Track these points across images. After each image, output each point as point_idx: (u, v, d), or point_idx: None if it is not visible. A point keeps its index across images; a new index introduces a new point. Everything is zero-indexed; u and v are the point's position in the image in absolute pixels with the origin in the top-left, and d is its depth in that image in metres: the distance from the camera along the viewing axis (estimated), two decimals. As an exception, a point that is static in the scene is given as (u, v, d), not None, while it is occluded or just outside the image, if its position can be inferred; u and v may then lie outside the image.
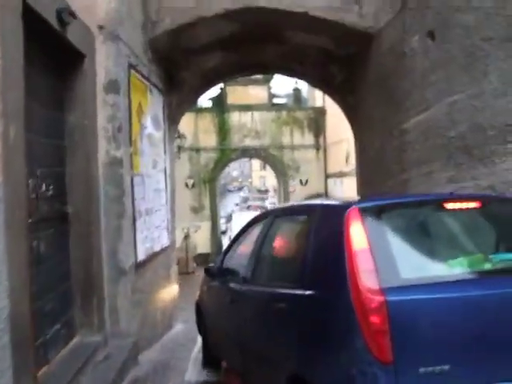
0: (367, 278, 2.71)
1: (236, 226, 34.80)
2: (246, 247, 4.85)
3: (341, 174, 25.75)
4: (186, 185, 27.27)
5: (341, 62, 8.28)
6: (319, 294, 3.11)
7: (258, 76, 27.80)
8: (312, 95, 31.37)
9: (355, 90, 8.19)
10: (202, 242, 25.39)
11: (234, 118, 27.71)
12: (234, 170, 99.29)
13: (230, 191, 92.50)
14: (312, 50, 8.30)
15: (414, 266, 2.92)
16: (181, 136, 18.82)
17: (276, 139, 27.84)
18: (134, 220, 6.02)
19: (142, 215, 6.34)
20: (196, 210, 27.30)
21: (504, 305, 2.73)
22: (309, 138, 28.05)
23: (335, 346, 2.88)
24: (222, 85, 27.97)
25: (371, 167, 7.66)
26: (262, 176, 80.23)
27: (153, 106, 7.28)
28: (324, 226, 3.39)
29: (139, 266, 6.14)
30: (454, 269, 2.93)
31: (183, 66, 8.18)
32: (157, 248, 7.05)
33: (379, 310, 2.61)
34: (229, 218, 54.38)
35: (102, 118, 5.67)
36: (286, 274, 3.80)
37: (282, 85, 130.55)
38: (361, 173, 8.36)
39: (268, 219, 4.60)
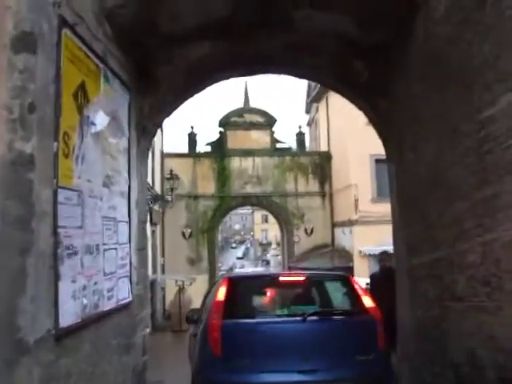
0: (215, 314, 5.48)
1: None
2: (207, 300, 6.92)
3: (350, 223, 23.29)
4: (183, 234, 24.82)
5: (367, 54, 6.03)
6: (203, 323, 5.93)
7: (260, 119, 26.03)
8: (316, 139, 29.31)
9: (388, 87, 5.91)
10: (198, 297, 22.61)
11: (235, 163, 25.56)
12: (235, 223, 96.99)
13: (231, 244, 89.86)
14: (329, 40, 6.07)
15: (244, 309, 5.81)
16: (173, 177, 16.56)
17: (279, 186, 25.58)
18: (56, 260, 3.59)
19: (76, 254, 3.92)
20: (193, 262, 24.72)
21: (279, 329, 5.30)
22: (314, 185, 25.78)
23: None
24: (221, 129, 26.07)
25: (421, 191, 5.26)
26: (264, 229, 77.67)
27: (110, 100, 4.98)
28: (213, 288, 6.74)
29: (65, 335, 3.67)
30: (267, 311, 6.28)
31: (161, 57, 5.95)
32: (107, 306, 4.56)
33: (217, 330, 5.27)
34: (230, 271, 51.64)
35: (4, 91, 3.36)
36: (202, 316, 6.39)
37: (286, 129, 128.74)
38: (401, 205, 5.93)
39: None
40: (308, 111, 37.62)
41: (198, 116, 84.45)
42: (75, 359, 3.95)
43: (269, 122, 26.21)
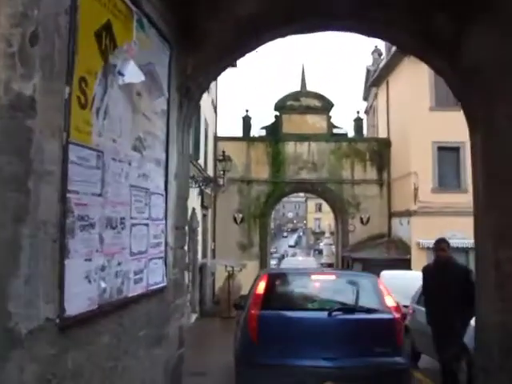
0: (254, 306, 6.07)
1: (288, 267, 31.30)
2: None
3: (407, 213, 21.97)
4: (235, 219, 24.17)
5: (451, 5, 4.99)
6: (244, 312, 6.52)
7: (316, 103, 24.95)
8: (374, 126, 27.95)
9: (476, 42, 4.86)
10: (247, 283, 21.97)
11: (290, 148, 24.63)
12: (289, 211, 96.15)
13: (283, 232, 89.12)
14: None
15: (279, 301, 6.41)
16: (226, 158, 15.84)
17: (335, 173, 24.48)
18: (63, 232, 2.86)
19: (93, 226, 3.19)
20: (244, 247, 24.04)
21: (319, 323, 5.83)
22: (371, 173, 24.51)
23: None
24: (277, 113, 25.17)
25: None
26: (317, 218, 76.43)
27: (145, 52, 4.22)
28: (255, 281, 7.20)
29: (74, 325, 2.96)
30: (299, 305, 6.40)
31: (207, 10, 5.13)
32: (133, 291, 3.83)
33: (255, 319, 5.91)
34: (281, 259, 50.90)
35: (2, 17, 2.64)
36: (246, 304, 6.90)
37: (343, 115, 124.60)
38: (488, 182, 4.88)
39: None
40: (366, 98, 36.17)
41: (254, 100, 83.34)
42: (89, 353, 3.23)
43: (326, 106, 25.09)
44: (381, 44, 30.08)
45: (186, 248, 5.52)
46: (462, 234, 21.51)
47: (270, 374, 5.51)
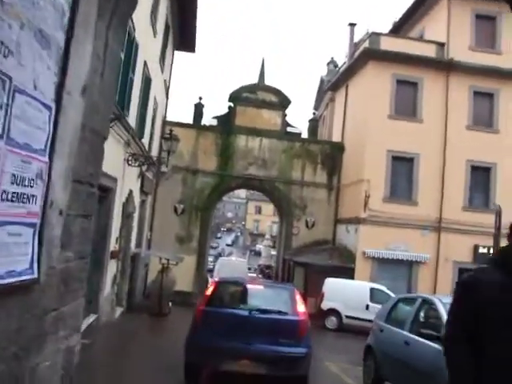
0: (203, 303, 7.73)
1: (222, 268, 29.07)
2: None
3: (356, 221, 20.29)
4: (175, 209, 21.75)
5: None
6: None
7: (273, 98, 22.96)
8: (329, 129, 26.27)
9: None
10: (183, 278, 19.64)
11: (241, 142, 22.50)
12: (228, 211, 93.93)
13: (220, 232, 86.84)
14: None
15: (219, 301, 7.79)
16: (172, 137, 13.48)
17: (285, 172, 22.54)
18: None
19: None
20: (182, 240, 21.65)
21: (242, 318, 7.23)
22: (321, 176, 22.76)
23: None
24: (231, 104, 22.98)
25: None
26: (257, 219, 74.66)
27: None
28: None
29: None
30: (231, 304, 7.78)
31: None
32: None
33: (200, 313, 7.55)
34: (217, 257, 48.63)
35: None
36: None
37: (297, 117, 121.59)
38: None
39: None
40: (317, 107, 34.47)
41: (209, 89, 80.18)
42: None
43: (282, 102, 23.14)
44: (340, 53, 28.51)
45: (91, 221, 3.23)
46: (405, 246, 20.15)
47: (207, 352, 7.13)
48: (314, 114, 24.68)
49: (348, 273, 19.42)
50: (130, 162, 13.13)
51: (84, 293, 3.08)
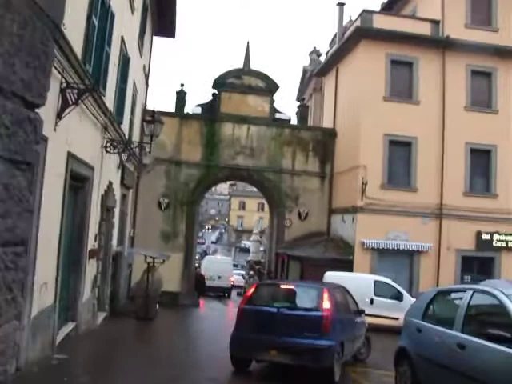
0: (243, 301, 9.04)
1: (208, 266, 27.82)
2: None
3: (353, 210, 19.01)
4: (159, 204, 20.22)
5: None
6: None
7: (260, 84, 21.52)
8: (320, 113, 24.89)
9: None
10: (170, 278, 18.14)
11: (227, 130, 21.04)
12: (211, 208, 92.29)
13: (204, 229, 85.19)
14: None
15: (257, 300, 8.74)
16: (156, 120, 11.91)
17: (274, 161, 21.16)
18: None
19: None
20: (168, 237, 20.14)
21: (272, 314, 8.17)
22: (313, 164, 21.43)
23: None
24: (215, 90, 21.49)
25: None
26: (241, 216, 73.16)
27: None
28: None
29: None
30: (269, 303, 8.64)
31: None
32: None
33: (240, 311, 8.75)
34: (203, 255, 47.12)
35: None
36: None
37: (285, 103, 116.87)
38: None
39: None
40: (299, 99, 33.02)
41: (191, 77, 76.70)
42: None
43: (270, 87, 21.72)
44: (323, 39, 27.13)
45: (30, 175, 1.79)
46: (405, 235, 18.93)
47: (244, 345, 8.29)
48: (303, 99, 23.28)
49: (346, 265, 18.13)
50: (108, 149, 11.60)
51: (20, 306, 1.64)
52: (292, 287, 9.01)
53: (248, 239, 54.46)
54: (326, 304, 8.11)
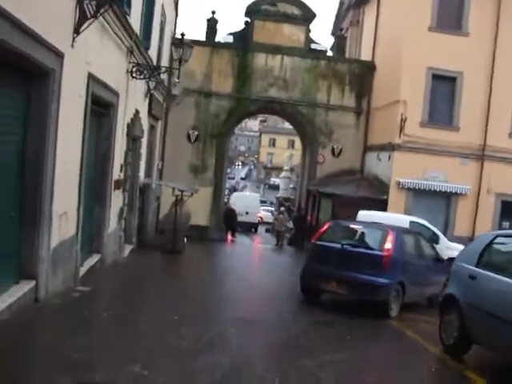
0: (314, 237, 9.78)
1: (236, 201, 27.45)
2: None
3: (390, 147, 18.01)
4: (189, 137, 19.62)
5: None
6: None
7: (296, 11, 20.11)
8: (357, 47, 23.38)
9: None
10: (199, 212, 17.80)
11: (259, 60, 19.93)
12: (241, 144, 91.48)
13: (235, 165, 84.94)
14: None
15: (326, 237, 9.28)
16: (184, 42, 11.01)
17: (308, 94, 20.10)
18: None
19: None
20: (197, 170, 19.66)
21: (340, 250, 8.60)
22: (349, 99, 20.32)
23: None
24: (248, 19, 20.19)
25: None
26: (271, 152, 72.30)
27: None
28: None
29: None
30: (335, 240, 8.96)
31: None
32: None
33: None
34: (232, 191, 46.91)
35: None
36: None
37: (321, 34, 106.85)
38: None
39: None
40: (334, 33, 31.06)
41: (223, 3, 71.51)
42: None
43: (306, 16, 20.29)
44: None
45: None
46: (443, 176, 17.93)
47: (310, 276, 9.02)
48: (341, 29, 21.80)
49: (380, 205, 17.38)
50: (134, 75, 10.85)
51: None
52: (360, 227, 9.59)
53: (277, 176, 53.96)
54: (388, 245, 8.48)
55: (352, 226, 9.88)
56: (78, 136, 7.46)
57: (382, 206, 17.54)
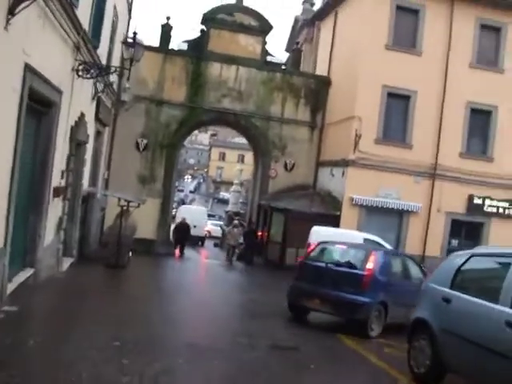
0: (303, 257, 11.19)
1: (182, 215, 26.39)
2: None
3: (343, 163, 17.75)
4: (137, 145, 18.65)
5: None
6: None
7: (253, 22, 19.68)
8: (312, 62, 23.14)
9: None
10: (146, 224, 16.84)
11: (214, 70, 19.32)
12: (190, 157, 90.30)
13: (184, 178, 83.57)
14: None
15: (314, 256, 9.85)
16: (136, 42, 10.21)
17: (263, 107, 19.64)
18: None
19: None
20: (145, 181, 18.70)
21: (324, 269, 8.94)
22: (304, 113, 20.00)
23: None
24: (204, 27, 19.60)
25: None
26: (220, 167, 71.58)
27: None
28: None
29: None
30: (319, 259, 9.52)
31: None
32: None
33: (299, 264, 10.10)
34: (180, 203, 45.73)
35: None
36: None
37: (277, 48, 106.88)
38: None
39: None
40: (289, 50, 30.93)
41: (178, 11, 70.95)
42: None
43: (263, 27, 19.91)
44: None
45: None
46: (396, 193, 17.82)
47: (296, 293, 9.25)
48: (297, 43, 21.55)
49: (332, 221, 17.06)
50: (80, 73, 9.96)
51: None
52: (346, 247, 9.76)
53: (226, 191, 53.28)
54: (370, 265, 8.69)
55: (338, 246, 9.99)
56: (10, 135, 6.53)
57: (335, 221, 17.22)
